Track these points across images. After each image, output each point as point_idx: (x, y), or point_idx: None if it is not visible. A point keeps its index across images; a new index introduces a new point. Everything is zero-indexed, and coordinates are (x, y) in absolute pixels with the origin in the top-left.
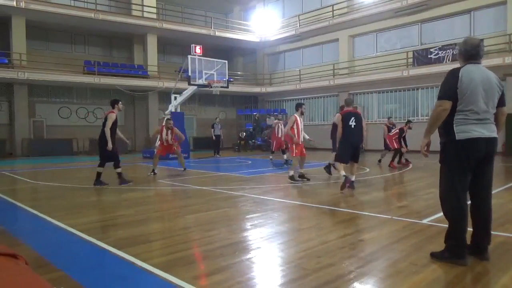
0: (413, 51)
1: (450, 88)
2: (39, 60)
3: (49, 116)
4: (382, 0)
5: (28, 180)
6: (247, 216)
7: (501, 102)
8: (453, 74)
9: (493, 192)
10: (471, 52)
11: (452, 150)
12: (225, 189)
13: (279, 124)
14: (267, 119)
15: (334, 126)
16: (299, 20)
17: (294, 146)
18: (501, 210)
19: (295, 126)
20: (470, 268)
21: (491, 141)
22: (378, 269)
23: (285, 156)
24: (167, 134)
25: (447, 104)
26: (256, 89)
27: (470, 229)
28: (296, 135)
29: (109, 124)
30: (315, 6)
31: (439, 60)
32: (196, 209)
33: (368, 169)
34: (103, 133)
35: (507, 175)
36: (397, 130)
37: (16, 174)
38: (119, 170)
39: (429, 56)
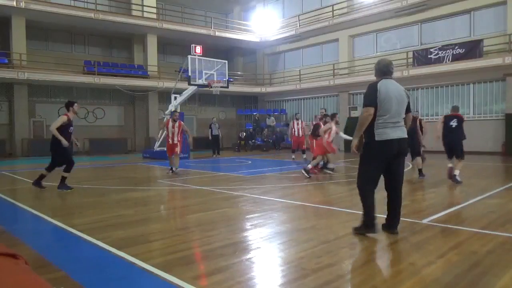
0: (413, 51)
1: (372, 97)
2: (39, 60)
3: (49, 116)
4: (382, 0)
5: (28, 180)
6: (247, 216)
7: (408, 109)
8: (373, 87)
9: (493, 192)
10: (383, 70)
11: (372, 148)
12: (225, 189)
13: (297, 123)
14: (267, 119)
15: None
16: (299, 20)
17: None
18: (501, 210)
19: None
20: (470, 268)
21: (402, 141)
22: (378, 269)
23: (304, 156)
24: (173, 127)
25: (372, 110)
26: (256, 89)
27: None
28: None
29: (56, 124)
30: (315, 6)
31: (439, 60)
32: (196, 209)
33: None
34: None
35: (507, 175)
36: None
37: (16, 174)
38: (66, 174)
39: (429, 56)
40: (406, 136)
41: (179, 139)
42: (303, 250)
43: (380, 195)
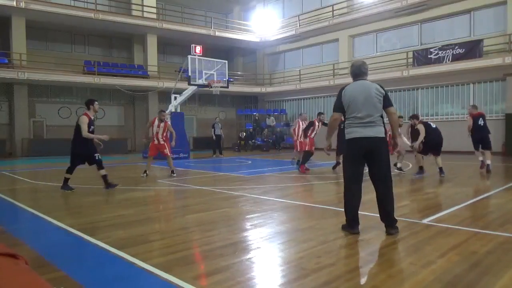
0: (413, 51)
1: (337, 103)
2: (39, 60)
3: (49, 116)
4: (382, 0)
5: (28, 180)
6: (247, 216)
7: (385, 105)
8: (339, 93)
9: (493, 192)
10: (355, 72)
11: (346, 147)
12: (225, 189)
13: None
14: (267, 119)
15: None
16: (299, 20)
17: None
18: (501, 210)
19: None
20: (470, 268)
21: (373, 139)
22: (378, 270)
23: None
24: (158, 126)
25: (336, 115)
26: (256, 89)
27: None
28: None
29: (85, 128)
30: (315, 6)
31: (439, 60)
32: (196, 209)
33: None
34: (77, 136)
35: (507, 175)
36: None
37: (16, 174)
38: (68, 176)
39: (429, 56)
40: (380, 135)
41: (164, 139)
42: (303, 250)
43: (374, 196)
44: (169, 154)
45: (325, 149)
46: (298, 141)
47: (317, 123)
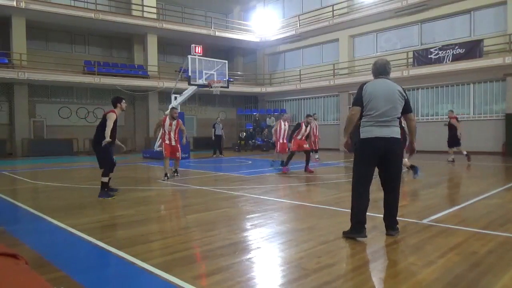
0: (413, 51)
1: (357, 97)
2: (39, 60)
3: (49, 116)
4: (382, 0)
5: (28, 180)
6: (247, 216)
7: (406, 110)
8: (360, 87)
9: (493, 192)
10: (379, 69)
11: (359, 147)
12: (225, 189)
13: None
14: (267, 119)
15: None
16: (299, 20)
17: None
18: (501, 210)
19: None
20: (470, 268)
21: (390, 140)
22: (378, 269)
23: (316, 156)
24: (170, 125)
25: (356, 109)
26: (256, 89)
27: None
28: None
29: (111, 125)
30: (315, 6)
31: (439, 60)
32: (196, 209)
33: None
34: (100, 135)
35: (507, 175)
36: None
37: (16, 174)
38: (105, 179)
39: (429, 56)
40: (396, 136)
41: (176, 138)
42: (303, 250)
43: (377, 195)
44: (180, 158)
45: (345, 145)
46: (278, 142)
47: (304, 126)
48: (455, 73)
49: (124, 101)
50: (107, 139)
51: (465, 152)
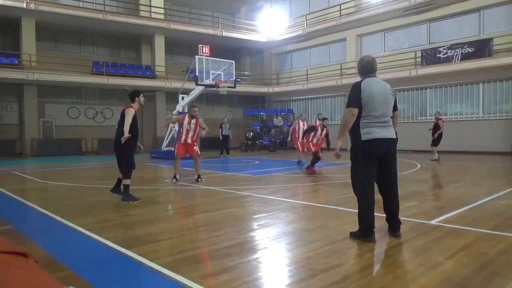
0: (421, 50)
1: (355, 98)
2: (48, 61)
3: (58, 117)
4: None
5: (37, 179)
6: (254, 216)
7: (395, 107)
8: (357, 87)
9: (503, 192)
10: (367, 68)
11: (359, 148)
12: (232, 189)
13: (303, 124)
14: (274, 119)
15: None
16: (306, 19)
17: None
18: (509, 211)
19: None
20: (480, 269)
21: (390, 141)
22: (385, 270)
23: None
24: (189, 124)
25: (355, 111)
26: (263, 89)
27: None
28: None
29: (129, 121)
30: (322, 6)
31: (448, 60)
32: (203, 209)
33: None
34: (119, 134)
35: None
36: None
37: (26, 174)
38: (128, 181)
39: (437, 56)
40: (394, 136)
41: (195, 138)
42: (311, 250)
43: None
44: (199, 153)
45: (337, 149)
46: (298, 142)
47: (319, 129)
48: (464, 73)
49: (142, 95)
50: (126, 135)
51: (437, 155)
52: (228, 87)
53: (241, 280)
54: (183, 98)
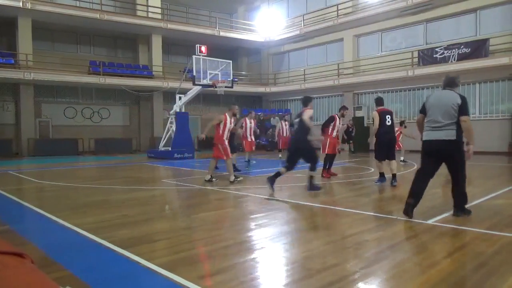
0: (418, 50)
1: (422, 106)
2: (45, 61)
3: (54, 116)
4: None
5: (34, 179)
6: (252, 216)
7: (460, 113)
8: (426, 97)
9: (500, 192)
10: (445, 82)
11: (422, 147)
12: (229, 189)
13: (285, 124)
14: (272, 119)
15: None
16: (303, 20)
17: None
18: (507, 211)
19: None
20: (476, 269)
21: (442, 142)
22: (383, 270)
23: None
24: (231, 123)
25: (420, 116)
26: (261, 89)
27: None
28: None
29: (306, 119)
30: (320, 6)
31: (445, 60)
32: (201, 208)
33: (372, 169)
34: (302, 134)
35: None
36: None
37: (22, 174)
38: (313, 173)
39: (434, 56)
40: (446, 138)
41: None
42: (308, 250)
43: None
44: (231, 156)
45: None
46: (245, 141)
47: (338, 119)
48: (461, 73)
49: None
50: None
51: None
52: (226, 87)
53: (238, 280)
54: (180, 98)
